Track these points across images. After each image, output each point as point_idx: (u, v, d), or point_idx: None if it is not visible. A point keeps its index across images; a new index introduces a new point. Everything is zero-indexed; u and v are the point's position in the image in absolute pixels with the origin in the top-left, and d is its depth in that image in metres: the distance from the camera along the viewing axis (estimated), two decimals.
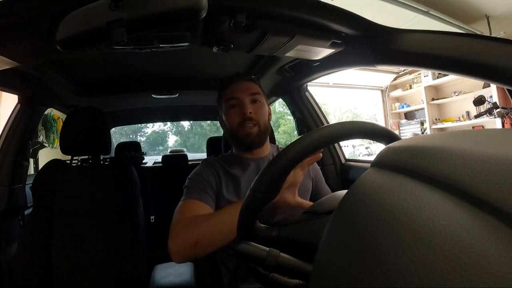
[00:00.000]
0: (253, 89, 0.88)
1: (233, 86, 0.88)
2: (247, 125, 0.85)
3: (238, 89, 0.87)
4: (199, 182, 0.81)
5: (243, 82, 0.89)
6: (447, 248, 0.15)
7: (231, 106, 0.87)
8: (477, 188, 0.17)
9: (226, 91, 0.89)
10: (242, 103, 0.85)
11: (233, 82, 0.89)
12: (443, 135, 0.26)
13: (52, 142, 2.41)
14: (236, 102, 0.86)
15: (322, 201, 0.47)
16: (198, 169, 0.87)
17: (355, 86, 5.11)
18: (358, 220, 0.22)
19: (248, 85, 0.89)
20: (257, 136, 0.86)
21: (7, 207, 1.11)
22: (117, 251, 1.03)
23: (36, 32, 0.58)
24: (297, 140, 0.39)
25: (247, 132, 0.85)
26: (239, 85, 0.88)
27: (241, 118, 0.85)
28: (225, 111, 0.89)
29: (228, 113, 0.88)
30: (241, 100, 0.86)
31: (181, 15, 0.44)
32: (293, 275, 0.40)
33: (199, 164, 0.90)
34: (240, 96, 0.86)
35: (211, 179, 0.83)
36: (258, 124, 0.86)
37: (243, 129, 0.85)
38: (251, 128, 0.85)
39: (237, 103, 0.86)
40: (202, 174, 0.84)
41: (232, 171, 0.87)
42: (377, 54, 0.76)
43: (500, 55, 0.50)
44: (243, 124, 0.85)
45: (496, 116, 2.57)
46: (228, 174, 0.86)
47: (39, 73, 1.02)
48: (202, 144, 7.63)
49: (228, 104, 0.87)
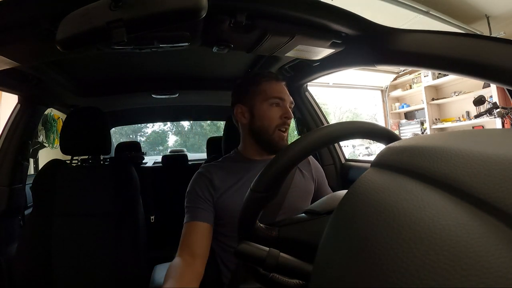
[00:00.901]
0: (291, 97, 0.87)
1: (277, 85, 0.86)
2: (283, 128, 0.84)
3: (283, 90, 0.86)
4: (195, 201, 0.82)
5: (284, 85, 0.88)
6: (447, 248, 0.15)
7: (274, 104, 0.84)
8: (477, 188, 0.17)
9: (269, 87, 0.85)
10: (285, 106, 0.84)
11: (276, 80, 0.87)
12: (443, 135, 0.26)
13: (52, 142, 2.41)
14: (280, 102, 0.84)
15: (322, 201, 0.47)
16: (193, 184, 0.85)
17: (355, 86, 5.11)
18: (358, 220, 0.22)
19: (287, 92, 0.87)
20: (286, 142, 0.85)
21: (7, 207, 1.11)
22: (117, 251, 1.03)
23: (36, 32, 0.58)
24: (297, 140, 0.39)
25: (282, 136, 0.84)
26: (283, 87, 0.87)
27: (282, 121, 0.83)
28: (263, 108, 0.84)
29: (269, 111, 0.84)
30: (287, 102, 0.85)
31: (181, 15, 0.44)
32: (293, 275, 0.40)
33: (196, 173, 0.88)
34: (286, 98, 0.85)
35: (205, 194, 0.82)
36: (287, 131, 0.86)
37: (280, 132, 0.83)
38: (285, 132, 0.85)
39: (281, 104, 0.84)
40: (197, 190, 0.83)
41: (237, 172, 0.85)
42: (377, 54, 0.76)
43: (500, 55, 0.50)
44: (282, 127, 0.83)
45: (496, 116, 2.57)
46: (229, 177, 0.85)
47: (39, 73, 1.02)
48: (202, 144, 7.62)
49: (270, 102, 0.84)
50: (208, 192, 0.82)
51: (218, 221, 0.83)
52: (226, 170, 0.86)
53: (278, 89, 0.85)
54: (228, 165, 0.88)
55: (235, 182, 0.84)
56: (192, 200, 0.82)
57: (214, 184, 0.83)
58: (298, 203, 0.85)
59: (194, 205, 0.81)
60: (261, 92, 0.85)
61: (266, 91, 0.85)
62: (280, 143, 0.84)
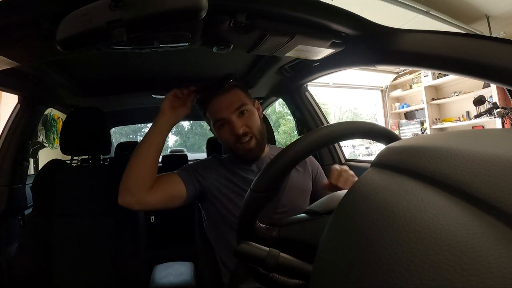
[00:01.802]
0: (236, 102, 0.81)
1: (215, 103, 0.82)
2: (243, 141, 0.81)
3: (221, 107, 0.81)
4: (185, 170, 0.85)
5: (224, 95, 0.81)
6: (447, 248, 0.15)
7: (220, 126, 0.83)
8: (477, 188, 0.17)
9: (209, 109, 0.84)
10: (230, 122, 0.80)
11: (213, 96, 0.82)
12: (443, 135, 0.26)
13: (52, 142, 2.41)
14: (223, 121, 0.82)
15: (322, 201, 0.47)
16: (203, 161, 0.90)
17: (355, 86, 5.11)
18: (358, 220, 0.22)
19: (230, 98, 0.81)
20: (257, 147, 0.84)
21: (7, 207, 1.11)
22: (117, 251, 1.03)
23: (36, 32, 0.58)
24: (297, 140, 0.39)
25: (246, 148, 0.82)
26: (221, 102, 0.81)
27: (235, 137, 0.81)
28: (215, 131, 0.86)
29: (220, 134, 0.84)
30: (227, 119, 0.81)
31: (181, 15, 0.44)
32: (293, 275, 0.40)
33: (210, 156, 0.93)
34: (226, 115, 0.81)
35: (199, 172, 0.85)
36: (253, 135, 0.82)
37: (241, 146, 0.82)
38: (248, 142, 0.82)
39: (225, 122, 0.82)
40: (193, 165, 0.87)
41: (237, 170, 0.87)
42: (377, 54, 0.76)
43: (500, 55, 0.50)
44: (240, 141, 0.81)
45: (496, 116, 2.57)
46: (232, 174, 0.86)
47: (39, 73, 1.02)
48: (202, 144, 7.63)
49: (216, 125, 0.83)
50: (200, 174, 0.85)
51: (214, 218, 0.84)
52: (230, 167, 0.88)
53: (217, 108, 0.82)
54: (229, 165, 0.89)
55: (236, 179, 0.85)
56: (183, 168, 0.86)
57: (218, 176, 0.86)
58: (295, 201, 0.85)
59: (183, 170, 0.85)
60: (207, 115, 0.86)
61: (210, 113, 0.85)
62: (249, 155, 0.84)
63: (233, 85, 0.84)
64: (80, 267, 1.02)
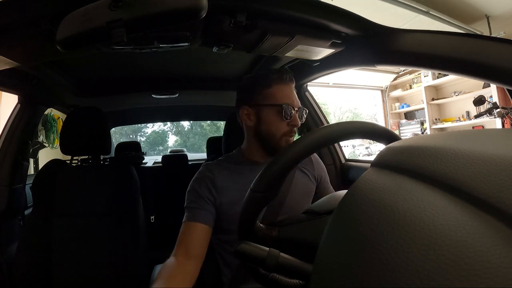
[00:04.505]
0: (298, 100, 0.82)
1: (283, 87, 0.79)
2: (292, 135, 0.80)
3: (293, 95, 0.80)
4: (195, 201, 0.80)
5: (291, 85, 0.81)
6: (447, 248, 0.15)
7: (277, 113, 0.79)
8: (477, 188, 0.17)
9: (278, 91, 0.79)
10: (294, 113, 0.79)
11: (286, 82, 0.80)
12: (443, 135, 0.26)
13: (52, 142, 2.41)
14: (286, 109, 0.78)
15: (322, 201, 0.47)
16: (194, 183, 0.83)
17: (355, 86, 5.10)
18: (358, 220, 0.22)
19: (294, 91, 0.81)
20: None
21: (7, 207, 1.11)
22: (117, 251, 1.03)
23: (36, 32, 0.58)
24: (297, 140, 0.39)
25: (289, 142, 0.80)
26: (291, 90, 0.80)
27: (289, 128, 0.79)
28: (271, 113, 0.79)
29: (271, 120, 0.79)
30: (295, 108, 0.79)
31: (181, 15, 0.44)
32: (293, 275, 0.40)
33: (198, 172, 0.86)
34: (296, 104, 0.79)
35: (206, 194, 0.80)
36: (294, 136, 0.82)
37: (287, 138, 0.80)
38: (292, 137, 0.81)
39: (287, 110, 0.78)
40: (198, 190, 0.81)
41: (240, 173, 0.83)
42: (377, 54, 0.76)
43: (500, 55, 0.50)
44: (289, 135, 0.80)
45: (496, 116, 2.56)
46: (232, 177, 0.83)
47: (39, 73, 1.02)
48: (202, 144, 7.62)
49: (273, 110, 0.79)
50: (209, 192, 0.80)
51: (219, 221, 0.83)
52: (229, 170, 0.84)
53: (287, 93, 0.80)
54: (231, 165, 0.86)
55: (237, 183, 0.82)
56: (193, 200, 0.81)
57: (216, 184, 0.81)
58: (299, 203, 0.84)
59: (194, 205, 0.79)
60: (270, 96, 0.80)
61: (276, 95, 0.79)
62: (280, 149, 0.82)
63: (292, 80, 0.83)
64: (80, 267, 1.01)
